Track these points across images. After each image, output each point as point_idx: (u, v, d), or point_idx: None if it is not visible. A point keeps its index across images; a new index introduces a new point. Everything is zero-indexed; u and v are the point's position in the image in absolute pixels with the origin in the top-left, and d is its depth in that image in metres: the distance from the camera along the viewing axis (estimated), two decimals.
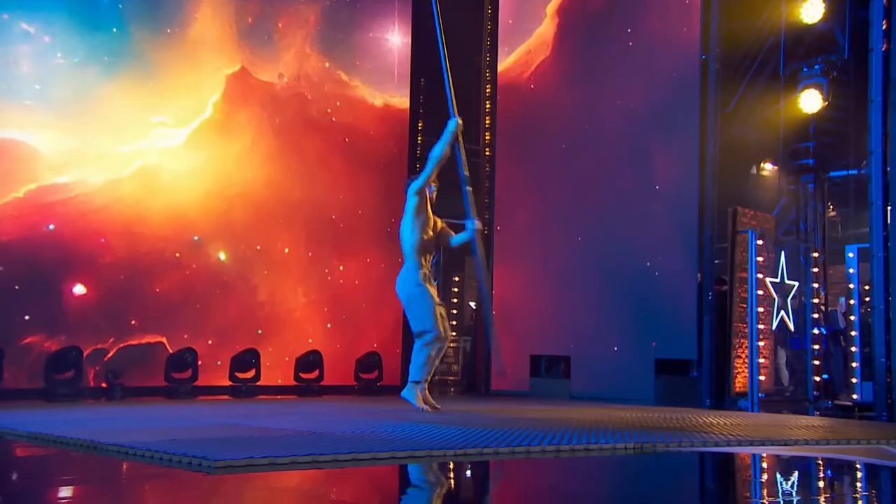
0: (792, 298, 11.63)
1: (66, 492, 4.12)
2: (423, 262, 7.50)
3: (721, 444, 5.83)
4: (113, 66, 10.16)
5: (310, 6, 11.89)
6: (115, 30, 10.23)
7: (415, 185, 7.55)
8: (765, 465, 5.37)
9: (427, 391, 7.56)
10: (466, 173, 7.65)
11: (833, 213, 13.51)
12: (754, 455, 5.62)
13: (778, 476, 5.11)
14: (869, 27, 9.22)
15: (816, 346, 11.56)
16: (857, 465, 5.31)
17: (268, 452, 4.54)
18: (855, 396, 10.59)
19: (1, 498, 3.94)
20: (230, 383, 10.63)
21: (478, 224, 7.53)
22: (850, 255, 11.21)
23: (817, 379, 11.46)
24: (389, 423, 6.50)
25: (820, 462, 5.44)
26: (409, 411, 7.48)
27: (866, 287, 10.29)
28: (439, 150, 7.55)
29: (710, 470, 5.30)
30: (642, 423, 7.19)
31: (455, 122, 7.58)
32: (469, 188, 7.60)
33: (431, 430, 5.93)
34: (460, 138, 7.62)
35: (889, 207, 8.92)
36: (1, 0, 9.53)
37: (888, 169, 8.98)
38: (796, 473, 5.23)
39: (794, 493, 4.37)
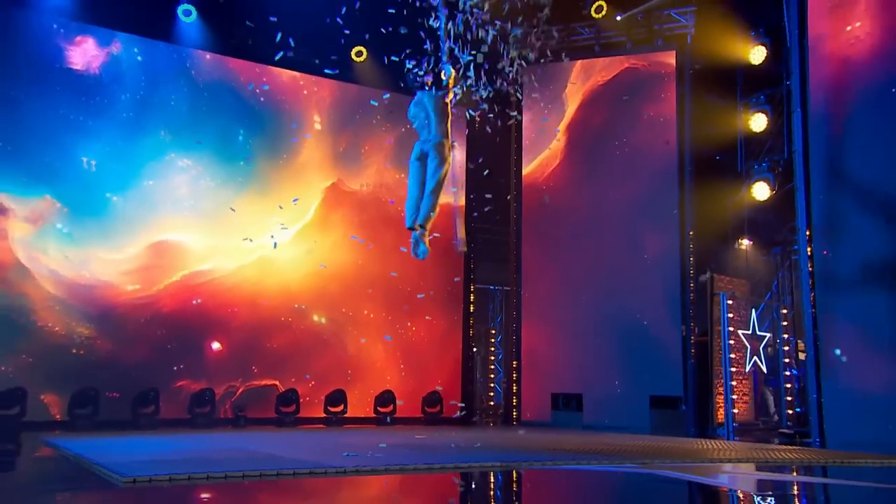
0: (767, 347, 12.21)
1: None
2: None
3: (582, 461, 6.27)
4: (243, 186, 12.15)
5: (388, 134, 13.61)
6: (244, 161, 12.21)
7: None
8: (585, 481, 5.72)
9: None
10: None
11: None
12: (611, 472, 6.03)
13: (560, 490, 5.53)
14: (792, 134, 10.03)
15: (789, 385, 12.05)
16: (665, 478, 5.67)
17: (175, 470, 4.74)
18: None
19: None
20: (324, 415, 12.12)
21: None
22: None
23: (790, 412, 11.91)
24: (355, 450, 7.06)
25: (648, 478, 5.81)
26: (393, 436, 8.78)
27: None
28: None
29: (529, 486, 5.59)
30: (559, 445, 7.75)
31: (449, 70, 7.12)
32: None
33: (365, 454, 6.38)
34: (451, 83, 7.11)
35: (812, 271, 9.56)
36: (168, 144, 11.65)
37: (812, 244, 9.64)
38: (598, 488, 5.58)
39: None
